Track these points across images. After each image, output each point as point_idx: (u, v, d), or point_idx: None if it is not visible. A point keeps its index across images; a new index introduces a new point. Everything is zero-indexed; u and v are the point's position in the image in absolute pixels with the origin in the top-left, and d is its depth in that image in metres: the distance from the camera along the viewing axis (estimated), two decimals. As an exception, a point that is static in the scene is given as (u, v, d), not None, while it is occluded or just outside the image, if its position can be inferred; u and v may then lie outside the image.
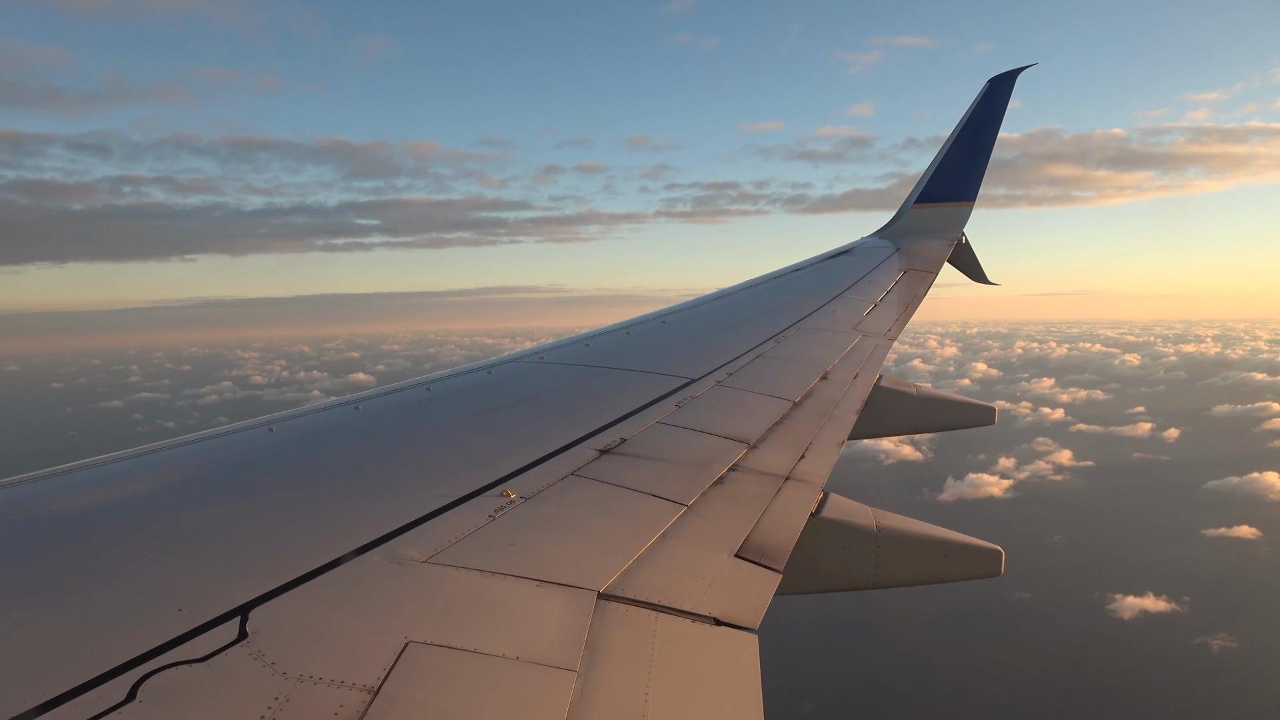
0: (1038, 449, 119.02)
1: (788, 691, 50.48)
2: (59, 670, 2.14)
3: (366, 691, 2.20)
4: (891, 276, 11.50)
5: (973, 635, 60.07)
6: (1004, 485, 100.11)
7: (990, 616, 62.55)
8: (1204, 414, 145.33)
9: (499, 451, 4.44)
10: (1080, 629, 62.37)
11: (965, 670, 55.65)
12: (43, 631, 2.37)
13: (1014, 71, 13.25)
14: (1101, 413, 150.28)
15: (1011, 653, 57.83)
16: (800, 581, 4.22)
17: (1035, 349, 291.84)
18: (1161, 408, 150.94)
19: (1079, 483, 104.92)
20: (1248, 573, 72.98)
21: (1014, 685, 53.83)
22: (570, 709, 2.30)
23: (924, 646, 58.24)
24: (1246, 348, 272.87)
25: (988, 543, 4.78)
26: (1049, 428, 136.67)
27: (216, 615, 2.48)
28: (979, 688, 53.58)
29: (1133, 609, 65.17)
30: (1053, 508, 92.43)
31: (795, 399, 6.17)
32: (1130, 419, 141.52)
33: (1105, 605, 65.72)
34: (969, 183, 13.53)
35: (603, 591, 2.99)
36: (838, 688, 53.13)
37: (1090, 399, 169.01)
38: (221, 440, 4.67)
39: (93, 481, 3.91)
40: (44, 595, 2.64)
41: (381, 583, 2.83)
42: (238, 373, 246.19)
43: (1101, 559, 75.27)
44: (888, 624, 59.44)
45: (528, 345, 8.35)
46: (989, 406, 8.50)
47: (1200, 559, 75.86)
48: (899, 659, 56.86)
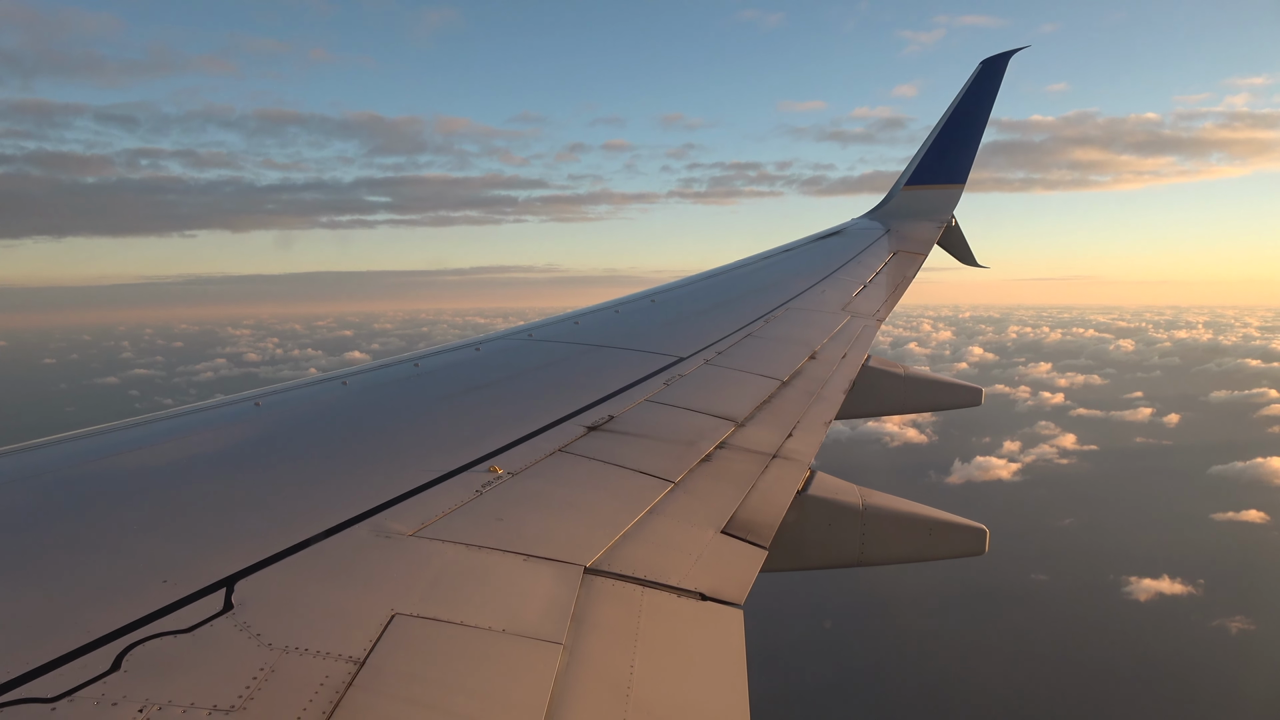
0: (1041, 433, 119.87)
1: (797, 671, 51.01)
2: (43, 640, 2.14)
3: (352, 663, 2.20)
4: (881, 258, 11.50)
5: (992, 617, 60.76)
6: (1011, 468, 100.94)
7: (1008, 599, 63.35)
8: (1201, 400, 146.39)
9: (486, 427, 4.43)
10: (1098, 611, 63.09)
11: (986, 651, 56.06)
12: (27, 601, 2.36)
13: (1006, 54, 13.21)
14: (1100, 397, 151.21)
15: (1031, 634, 58.39)
16: (786, 558, 4.24)
17: (1029, 333, 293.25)
18: (1159, 393, 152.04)
19: (1085, 466, 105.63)
20: (1259, 556, 73.75)
21: (1034, 666, 54.28)
22: (556, 681, 2.31)
23: (942, 628, 58.77)
24: (1238, 334, 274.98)
25: (972, 521, 4.82)
26: (1049, 412, 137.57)
27: (202, 587, 2.47)
28: (999, 669, 54.01)
29: (1148, 591, 65.85)
30: (1060, 491, 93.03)
31: (783, 378, 6.18)
32: (1129, 404, 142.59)
33: (1121, 588, 66.37)
34: (959, 165, 13.52)
35: (589, 566, 3.00)
36: (856, 667, 53.71)
37: (1088, 384, 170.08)
38: (208, 414, 4.64)
39: (78, 454, 3.88)
40: (28, 566, 2.63)
41: (368, 556, 2.83)
42: (231, 350, 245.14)
43: (1113, 542, 75.82)
44: (903, 606, 59.97)
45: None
46: (975, 388, 8.55)
47: (1211, 543, 76.43)
48: (917, 640, 57.26)
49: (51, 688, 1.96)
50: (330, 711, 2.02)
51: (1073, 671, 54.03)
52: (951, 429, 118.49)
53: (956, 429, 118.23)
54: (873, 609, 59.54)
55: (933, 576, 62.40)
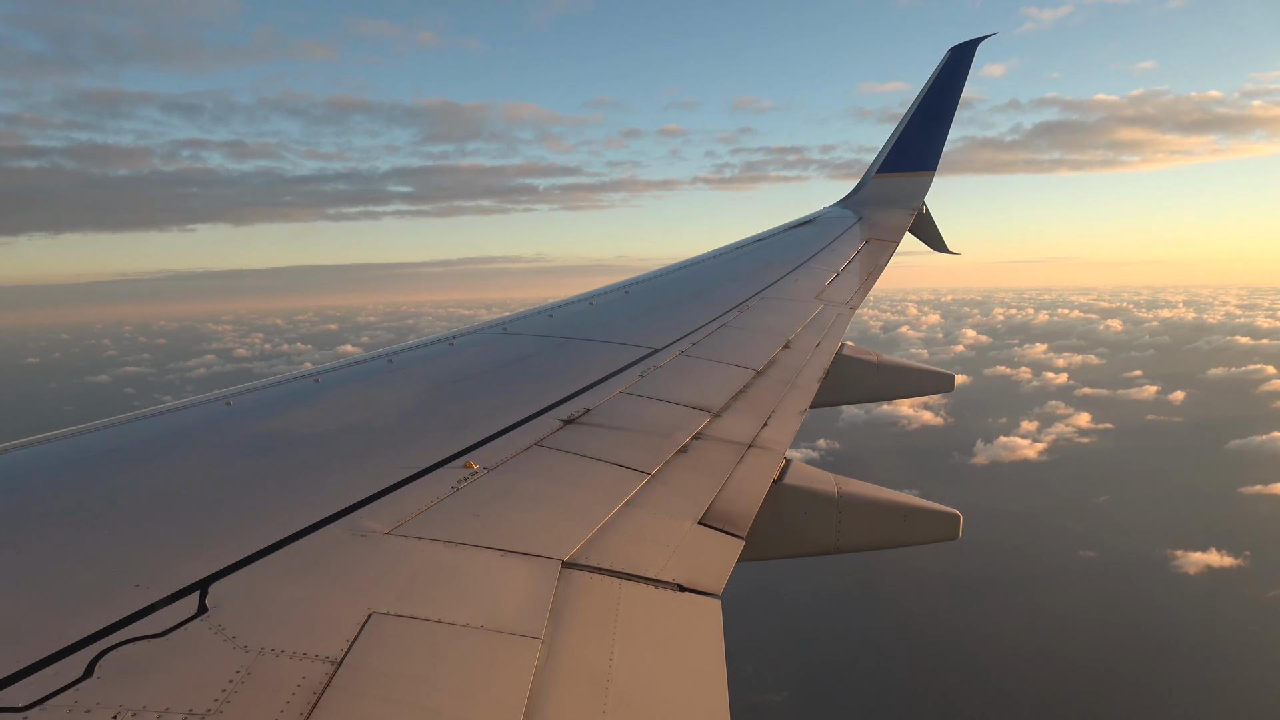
0: (1056, 413, 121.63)
1: (818, 656, 52.08)
2: (14, 647, 2.11)
3: (330, 663, 2.19)
4: (853, 246, 11.57)
5: (1049, 595, 61.86)
6: (1037, 448, 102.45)
7: (1062, 574, 64.84)
8: (1200, 377, 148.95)
9: (461, 423, 4.42)
10: (1152, 585, 64.28)
11: (1045, 630, 56.82)
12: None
13: (974, 41, 13.31)
14: (1101, 377, 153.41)
15: (1089, 611, 59.42)
16: (764, 548, 4.27)
17: (1016, 315, 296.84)
18: (1157, 371, 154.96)
19: (1106, 444, 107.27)
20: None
21: (1095, 642, 55.07)
22: (535, 675, 2.32)
23: (997, 608, 59.79)
24: (1220, 312, 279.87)
25: (945, 506, 4.88)
26: (1055, 392, 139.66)
27: (176, 590, 2.45)
28: (1061, 647, 54.79)
29: (1197, 564, 67.06)
30: (1088, 469, 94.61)
31: (758, 368, 6.21)
32: (1131, 383, 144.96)
33: (1170, 562, 67.58)
34: (929, 152, 13.62)
35: (567, 560, 3.01)
36: (928, 646, 54.77)
37: (1086, 363, 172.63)
38: (179, 414, 4.58)
39: (47, 456, 3.82)
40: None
41: (344, 555, 2.81)
42: (218, 345, 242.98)
43: (1150, 517, 77.09)
44: (948, 589, 61.27)
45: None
46: (948, 374, 8.64)
47: (1247, 516, 77.89)
48: (984, 619, 58.27)
49: (23, 696, 1.93)
50: (308, 713, 2.01)
51: (1136, 645, 55.01)
52: (965, 411, 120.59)
53: (970, 411, 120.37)
54: (910, 591, 60.49)
55: (981, 557, 64.40)
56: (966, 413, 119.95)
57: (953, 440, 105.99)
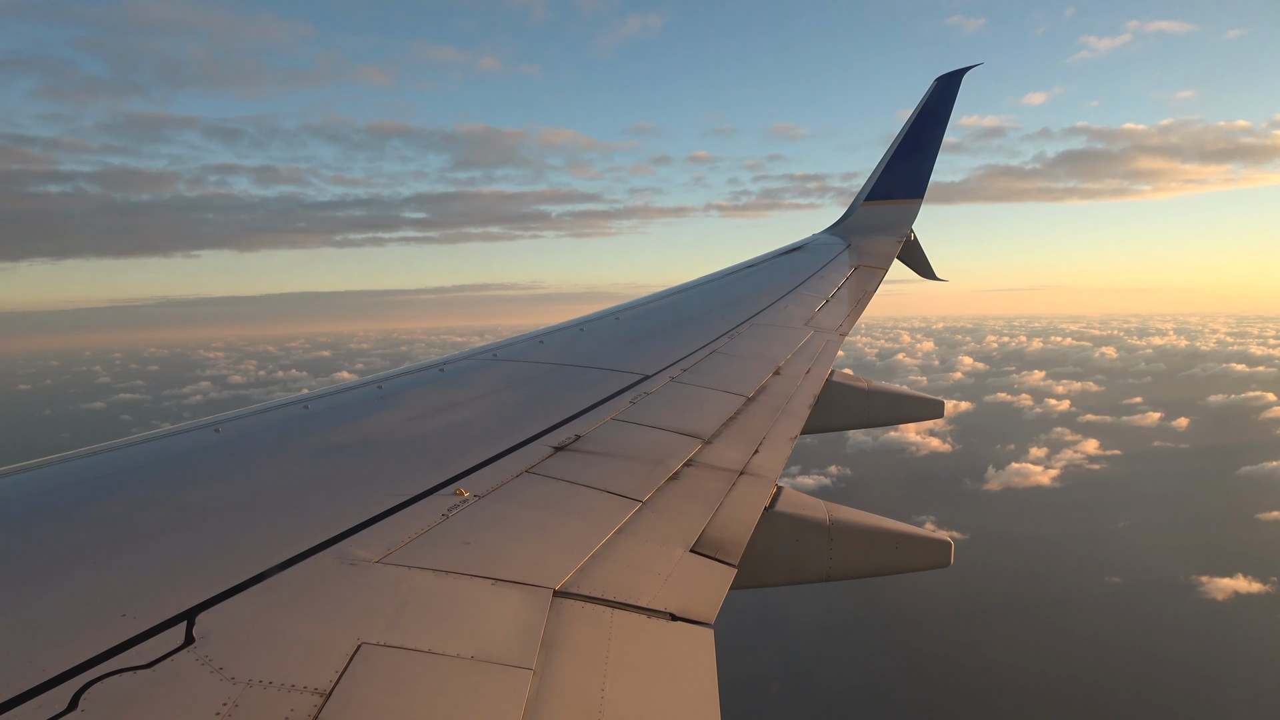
0: (1064, 439, 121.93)
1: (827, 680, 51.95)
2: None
3: (318, 695, 2.16)
4: (842, 273, 11.64)
5: (1078, 620, 61.88)
6: (1050, 474, 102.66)
7: (1090, 600, 64.91)
8: (1200, 404, 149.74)
9: (452, 450, 4.40)
10: (1180, 610, 64.35)
11: (1076, 655, 56.77)
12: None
13: (960, 71, 13.50)
14: (1102, 403, 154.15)
15: (1118, 637, 59.40)
16: (756, 575, 4.26)
17: (1009, 342, 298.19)
18: (1156, 398, 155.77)
19: (1117, 471, 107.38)
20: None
21: (1126, 668, 55.11)
22: (527, 707, 2.29)
23: (1026, 632, 59.78)
24: (1211, 340, 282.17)
25: (938, 534, 4.87)
26: (1058, 419, 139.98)
27: (162, 620, 2.42)
28: (1090, 669, 54.82)
29: (1225, 590, 67.11)
30: (1103, 495, 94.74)
31: (749, 394, 6.22)
32: (1133, 409, 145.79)
33: (1196, 588, 67.57)
34: (917, 180, 13.76)
35: (558, 589, 2.99)
36: (955, 669, 54.78)
37: (1086, 390, 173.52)
38: (166, 441, 4.55)
39: (32, 484, 3.78)
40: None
41: (333, 584, 2.79)
42: (211, 372, 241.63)
43: (1171, 543, 77.26)
44: (994, 612, 61.49)
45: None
46: (938, 400, 8.66)
47: (1267, 542, 78.04)
48: (1011, 644, 58.16)
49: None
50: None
51: (1170, 671, 54.98)
52: (971, 437, 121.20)
53: (976, 437, 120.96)
54: (932, 616, 60.46)
55: (1007, 583, 64.66)
56: (973, 439, 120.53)
57: (962, 467, 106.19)
